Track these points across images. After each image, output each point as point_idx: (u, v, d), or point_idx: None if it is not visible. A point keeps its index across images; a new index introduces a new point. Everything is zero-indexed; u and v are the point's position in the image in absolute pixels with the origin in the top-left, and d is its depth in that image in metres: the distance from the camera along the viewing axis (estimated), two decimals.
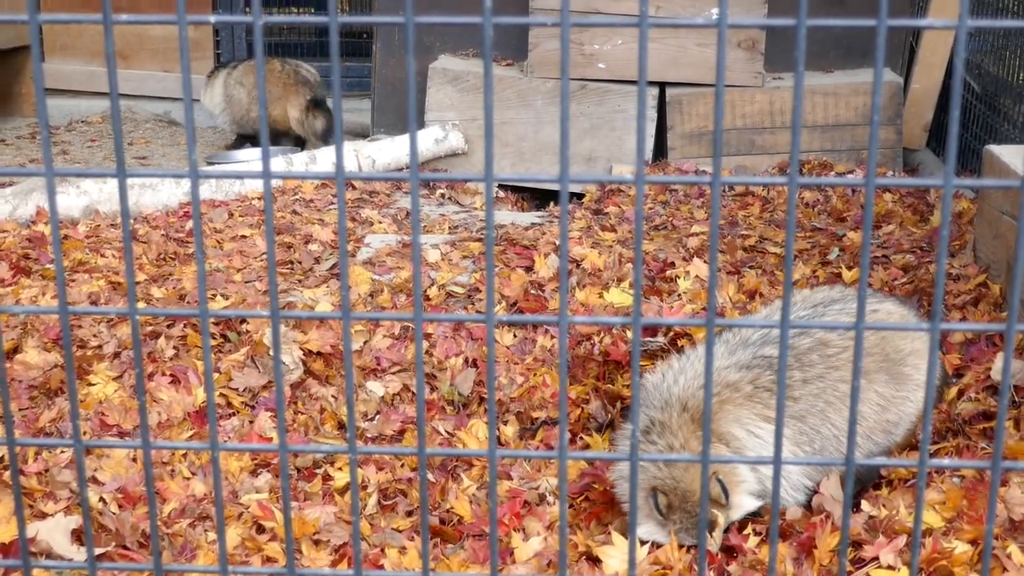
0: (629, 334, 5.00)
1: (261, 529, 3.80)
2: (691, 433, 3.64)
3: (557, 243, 6.60)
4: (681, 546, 3.61)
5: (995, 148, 5.62)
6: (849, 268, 5.97)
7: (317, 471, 4.27)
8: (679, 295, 5.61)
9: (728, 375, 3.78)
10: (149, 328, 5.24)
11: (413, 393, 4.81)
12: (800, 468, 3.74)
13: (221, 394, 4.70)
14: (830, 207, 7.51)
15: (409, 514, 4.04)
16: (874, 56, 1.53)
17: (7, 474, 3.94)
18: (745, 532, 3.73)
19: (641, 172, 1.62)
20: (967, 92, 8.73)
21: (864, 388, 3.82)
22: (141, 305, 5.65)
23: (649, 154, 8.98)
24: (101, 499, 3.85)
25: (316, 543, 3.76)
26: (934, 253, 6.18)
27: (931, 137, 9.21)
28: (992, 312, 5.12)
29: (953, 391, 4.47)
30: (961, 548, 3.37)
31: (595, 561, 3.68)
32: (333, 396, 4.74)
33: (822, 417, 3.76)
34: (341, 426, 4.58)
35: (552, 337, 5.21)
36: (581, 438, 4.57)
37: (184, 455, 4.21)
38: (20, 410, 4.49)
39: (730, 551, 3.68)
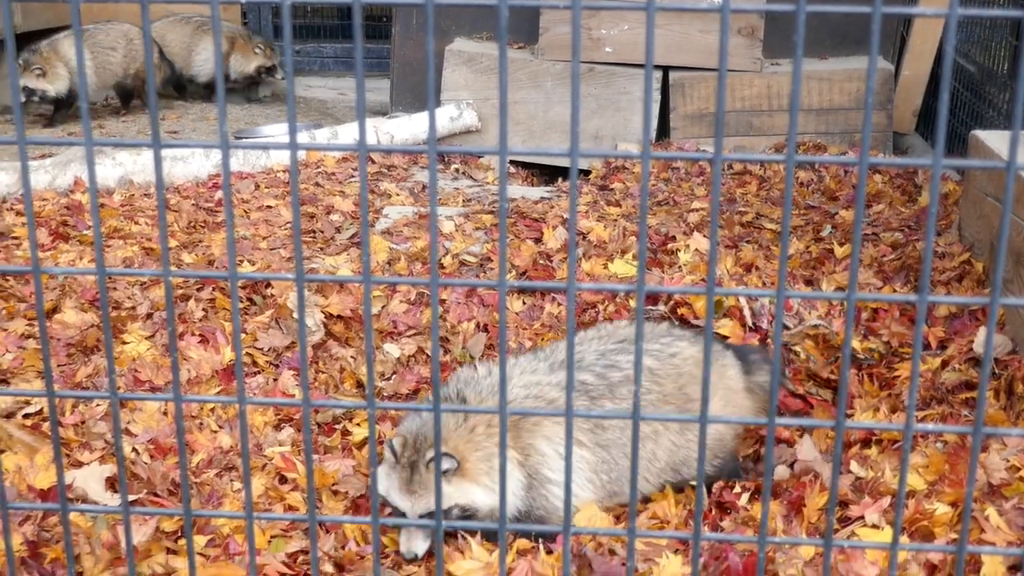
0: (632, 303, 5.01)
1: (283, 480, 3.82)
2: (485, 417, 3.46)
3: (565, 216, 6.60)
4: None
5: (981, 133, 5.60)
6: (841, 244, 5.97)
7: (336, 426, 4.28)
8: (679, 267, 5.61)
9: (549, 392, 3.62)
10: (180, 291, 5.25)
11: (427, 355, 4.83)
12: (601, 490, 3.62)
13: (247, 353, 4.71)
14: (823, 186, 7.50)
15: None
16: (867, 44, 1.52)
17: (46, 425, 3.96)
18: (736, 491, 3.74)
19: (647, 148, 1.62)
20: (955, 80, 8.70)
21: (661, 433, 3.69)
22: (173, 269, 5.66)
23: (652, 134, 8.97)
24: (134, 449, 3.87)
25: (335, 494, 3.77)
26: (921, 232, 6.17)
27: (920, 122, 9.18)
28: (975, 288, 5.11)
29: (937, 362, 4.47)
30: (942, 509, 3.38)
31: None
32: (352, 357, 4.75)
33: (624, 452, 3.61)
34: (359, 385, 4.59)
35: (559, 305, 5.22)
36: None
37: (212, 410, 4.23)
38: (58, 366, 4.51)
39: (723, 507, 3.69)
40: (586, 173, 8.47)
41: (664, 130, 8.98)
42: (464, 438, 3.39)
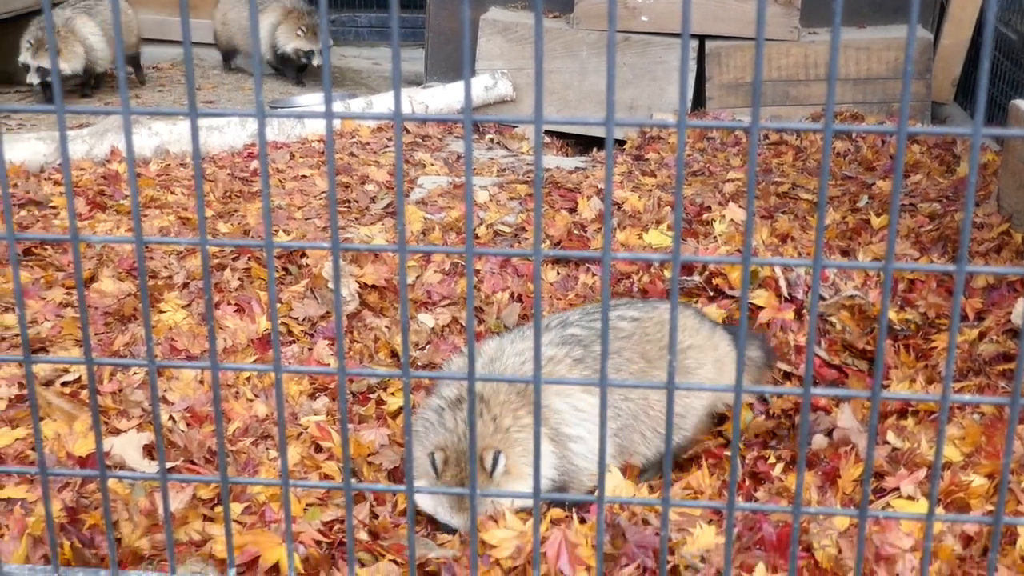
0: (667, 273, 5.00)
1: (319, 449, 3.84)
2: (508, 406, 3.45)
3: (600, 186, 6.58)
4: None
5: (1021, 103, 5.54)
6: (877, 215, 5.92)
7: (371, 396, 4.30)
8: (715, 237, 5.59)
9: (547, 351, 3.66)
10: (216, 261, 5.28)
11: (461, 325, 4.83)
12: (610, 444, 3.60)
13: (282, 323, 4.73)
14: (860, 157, 7.44)
15: None
16: (905, 12, 1.50)
17: (84, 393, 4.00)
18: (771, 461, 3.74)
19: (683, 117, 1.61)
20: (995, 48, 8.59)
21: (648, 392, 3.72)
22: (209, 238, 5.70)
23: (688, 104, 8.92)
24: (171, 417, 3.90)
25: (370, 464, 3.79)
26: (959, 202, 6.11)
27: (959, 91, 9.09)
28: (1014, 259, 5.07)
29: (975, 333, 4.44)
30: (978, 481, 3.35)
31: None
32: (386, 327, 4.76)
33: (624, 395, 3.66)
34: (394, 355, 4.61)
35: (593, 275, 5.21)
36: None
37: (248, 378, 4.25)
38: (96, 335, 4.55)
39: (757, 478, 3.69)
40: (621, 143, 8.45)
41: (700, 100, 8.94)
42: (500, 438, 3.37)
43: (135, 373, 4.18)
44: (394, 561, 3.13)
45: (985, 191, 5.99)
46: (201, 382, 4.16)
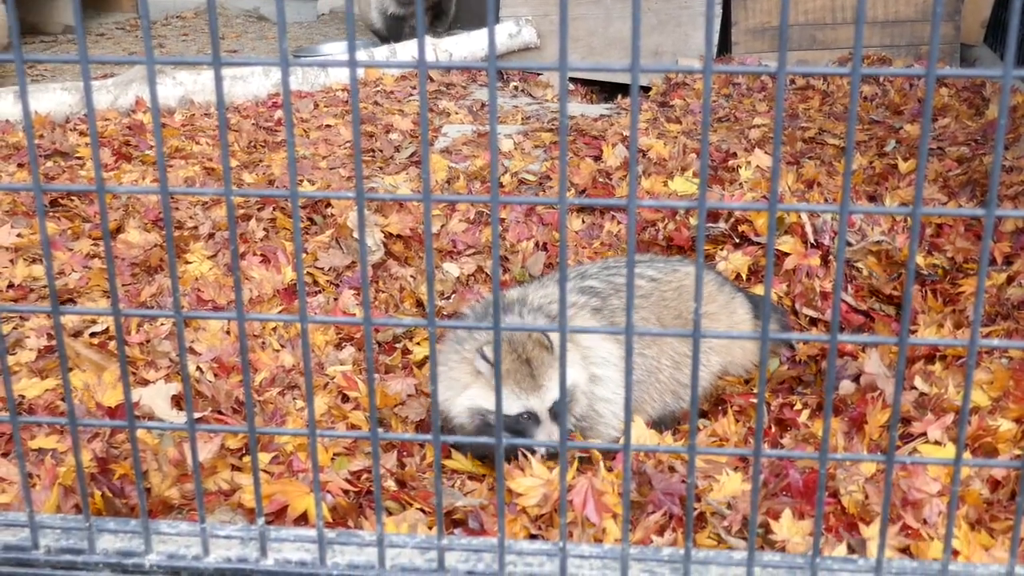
0: (692, 221, 4.97)
1: (345, 398, 3.86)
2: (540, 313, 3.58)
3: (625, 134, 6.54)
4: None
5: None
6: (905, 159, 5.87)
7: (396, 345, 4.31)
8: (740, 184, 5.56)
9: (569, 297, 3.71)
10: (241, 211, 5.29)
11: (487, 274, 4.83)
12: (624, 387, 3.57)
13: (308, 273, 4.74)
14: (888, 101, 7.37)
15: None
16: None
17: (112, 344, 4.03)
18: (797, 407, 3.73)
19: (710, 62, 1.60)
20: None
21: (660, 353, 3.77)
22: (235, 188, 5.70)
23: (714, 49, 8.85)
24: (198, 368, 3.93)
25: (396, 415, 3.80)
26: (988, 146, 6.05)
27: (988, 33, 8.97)
28: None
29: (1003, 277, 4.41)
30: (1006, 426, 3.34)
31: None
32: (412, 276, 4.77)
33: (639, 350, 3.70)
34: (419, 304, 4.61)
35: (619, 223, 5.19)
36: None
37: (274, 329, 4.27)
38: (123, 286, 4.57)
39: (783, 424, 3.68)
40: (646, 90, 8.40)
41: (725, 45, 8.87)
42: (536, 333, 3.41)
43: (162, 324, 4.20)
44: (421, 510, 3.15)
45: (1015, 134, 5.93)
46: (228, 332, 4.18)
